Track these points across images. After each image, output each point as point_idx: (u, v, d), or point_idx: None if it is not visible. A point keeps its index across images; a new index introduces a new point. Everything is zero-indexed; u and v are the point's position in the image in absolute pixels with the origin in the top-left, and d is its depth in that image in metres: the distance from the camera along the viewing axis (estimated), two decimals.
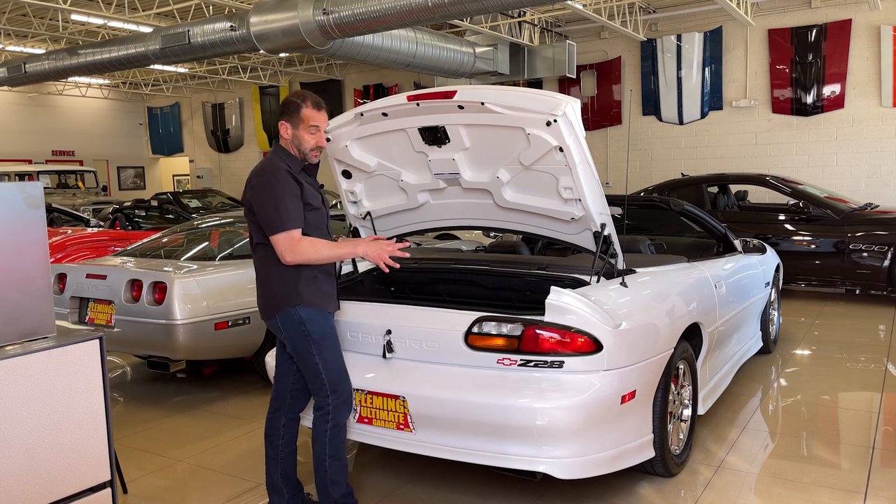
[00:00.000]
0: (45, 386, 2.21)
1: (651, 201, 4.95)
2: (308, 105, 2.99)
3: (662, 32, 14.06)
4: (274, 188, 2.88)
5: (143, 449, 4.12)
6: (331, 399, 2.98)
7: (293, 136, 2.99)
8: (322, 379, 2.97)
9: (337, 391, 2.99)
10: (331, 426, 2.98)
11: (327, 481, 2.99)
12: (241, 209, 12.44)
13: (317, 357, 2.96)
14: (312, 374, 2.98)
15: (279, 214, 2.85)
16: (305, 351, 2.96)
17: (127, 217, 9.91)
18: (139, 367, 5.96)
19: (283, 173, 2.91)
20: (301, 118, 2.97)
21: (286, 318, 2.95)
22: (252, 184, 2.95)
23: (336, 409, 2.99)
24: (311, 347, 2.95)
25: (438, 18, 9.19)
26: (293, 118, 2.98)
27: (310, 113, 2.98)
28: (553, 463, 2.88)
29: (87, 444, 2.32)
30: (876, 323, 6.86)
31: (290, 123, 2.99)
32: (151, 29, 12.23)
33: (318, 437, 3.00)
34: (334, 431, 2.99)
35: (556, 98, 3.04)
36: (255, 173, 2.97)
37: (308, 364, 2.98)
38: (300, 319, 2.93)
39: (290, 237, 2.85)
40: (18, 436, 2.15)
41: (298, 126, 2.98)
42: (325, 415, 2.98)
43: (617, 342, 2.98)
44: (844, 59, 12.35)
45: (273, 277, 2.96)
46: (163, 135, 23.59)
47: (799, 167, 12.88)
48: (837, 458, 3.72)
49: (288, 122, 2.99)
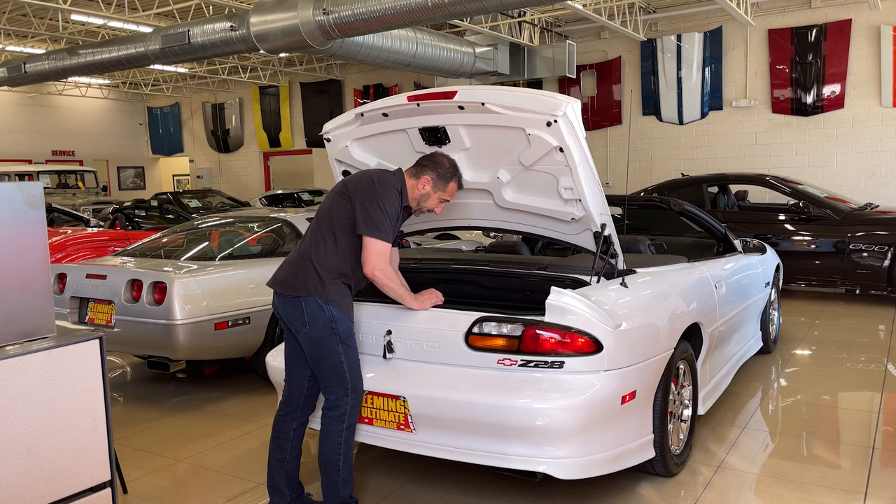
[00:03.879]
0: (45, 386, 2.21)
1: (651, 201, 4.95)
2: (456, 181, 3.19)
3: (662, 32, 14.06)
4: (392, 200, 2.99)
5: (143, 449, 4.12)
6: (350, 398, 2.99)
7: (427, 194, 3.14)
8: (345, 377, 2.97)
9: (356, 391, 3.01)
10: (346, 426, 2.98)
11: (339, 481, 2.98)
12: (241, 209, 12.44)
13: (343, 355, 2.97)
14: (333, 370, 2.97)
15: (388, 223, 2.95)
16: (331, 347, 2.96)
17: (127, 217, 9.91)
18: (139, 367, 5.96)
19: (399, 196, 3.04)
20: (447, 189, 3.16)
21: (315, 307, 2.93)
22: (373, 179, 3.03)
23: (353, 409, 3.01)
24: (339, 346, 2.96)
25: (438, 18, 9.19)
26: (441, 183, 3.14)
27: (454, 189, 3.19)
28: (553, 463, 2.88)
29: (87, 444, 2.32)
30: (876, 323, 6.86)
31: (435, 185, 3.13)
32: (151, 29, 12.22)
33: (331, 438, 2.97)
34: (349, 432, 3.00)
35: (556, 98, 3.04)
36: (379, 175, 3.07)
37: (330, 360, 2.96)
38: (332, 317, 2.94)
39: (386, 250, 2.96)
40: (18, 436, 2.15)
41: (438, 191, 3.15)
42: (343, 415, 2.98)
43: (617, 342, 2.98)
44: (844, 59, 12.34)
45: (323, 265, 2.97)
46: (163, 135, 23.58)
47: (799, 167, 12.88)
48: (837, 458, 3.72)
49: (434, 182, 3.12)
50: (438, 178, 3.11)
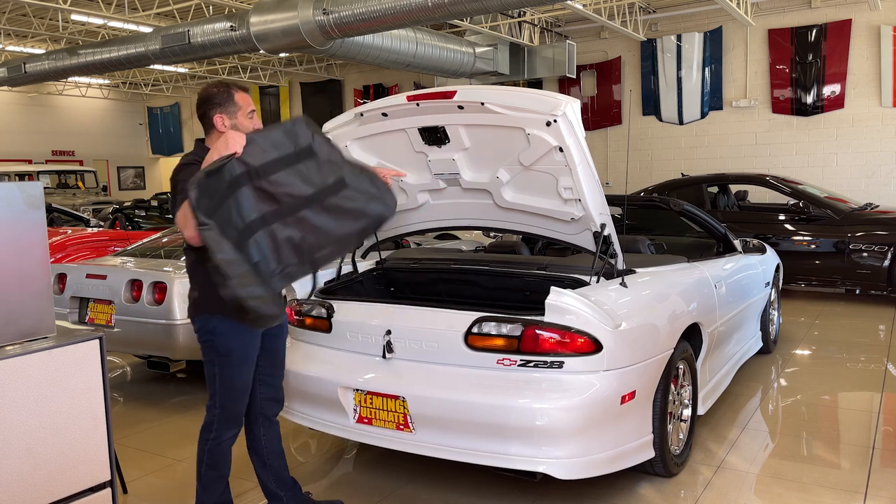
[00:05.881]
0: (45, 386, 2.21)
1: (651, 201, 4.95)
2: (236, 90, 2.80)
3: (662, 32, 14.06)
4: (184, 175, 2.65)
5: (143, 449, 4.12)
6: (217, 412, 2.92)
7: (233, 124, 2.77)
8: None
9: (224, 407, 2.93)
10: (212, 437, 2.93)
11: (198, 486, 2.96)
12: None
13: (217, 367, 2.96)
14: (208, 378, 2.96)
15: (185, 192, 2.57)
16: (206, 357, 3.00)
17: (127, 217, 9.91)
18: (139, 367, 5.96)
19: (191, 165, 2.68)
20: (239, 103, 2.79)
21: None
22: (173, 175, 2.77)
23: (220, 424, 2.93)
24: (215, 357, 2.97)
25: (438, 18, 9.19)
26: (231, 107, 2.77)
27: (244, 97, 2.81)
28: (553, 463, 2.88)
29: (87, 444, 2.32)
30: (876, 323, 6.86)
31: (228, 113, 2.77)
32: (151, 29, 12.23)
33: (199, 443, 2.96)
34: (214, 443, 2.93)
35: (555, 98, 3.04)
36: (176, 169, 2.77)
37: (207, 368, 3.00)
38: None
39: (186, 209, 2.53)
40: (18, 436, 2.15)
41: (237, 114, 2.78)
42: (209, 424, 2.93)
43: (617, 342, 2.98)
44: (844, 59, 12.34)
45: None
46: (163, 135, 23.59)
47: (799, 167, 12.87)
48: (837, 458, 3.72)
49: (227, 114, 2.77)
50: (222, 105, 2.74)
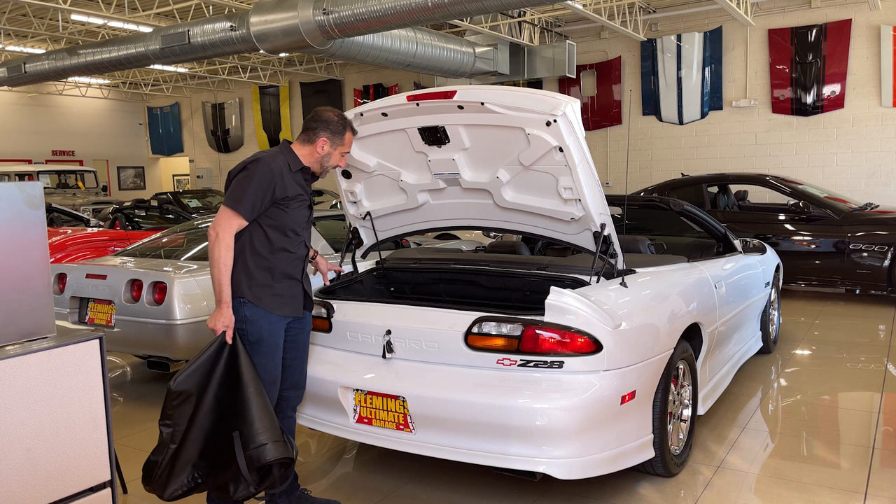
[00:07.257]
0: (45, 386, 2.21)
1: (651, 201, 4.95)
2: (349, 129, 3.08)
3: (662, 32, 14.06)
4: (261, 177, 2.86)
5: (143, 449, 4.12)
6: None
7: (328, 153, 3.05)
8: None
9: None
10: None
11: None
12: None
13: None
14: None
15: (249, 199, 2.84)
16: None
17: (127, 217, 9.91)
18: (139, 367, 5.96)
19: (271, 173, 2.90)
20: (344, 141, 3.06)
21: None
22: (246, 162, 2.93)
23: None
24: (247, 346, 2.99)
25: (438, 18, 9.19)
26: (337, 139, 3.04)
27: (350, 138, 3.10)
28: (553, 463, 2.88)
29: (87, 444, 2.32)
30: (876, 323, 6.86)
31: (332, 142, 3.04)
32: (151, 29, 12.23)
33: None
34: None
35: (555, 98, 3.04)
36: (253, 157, 2.95)
37: None
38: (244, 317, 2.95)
39: (233, 219, 2.84)
40: (18, 436, 2.15)
41: (337, 147, 3.05)
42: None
43: (617, 342, 2.98)
44: (844, 59, 12.35)
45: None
46: (163, 135, 23.59)
47: (799, 167, 12.88)
48: (837, 458, 3.72)
49: (331, 140, 3.03)
50: (333, 134, 3.03)
